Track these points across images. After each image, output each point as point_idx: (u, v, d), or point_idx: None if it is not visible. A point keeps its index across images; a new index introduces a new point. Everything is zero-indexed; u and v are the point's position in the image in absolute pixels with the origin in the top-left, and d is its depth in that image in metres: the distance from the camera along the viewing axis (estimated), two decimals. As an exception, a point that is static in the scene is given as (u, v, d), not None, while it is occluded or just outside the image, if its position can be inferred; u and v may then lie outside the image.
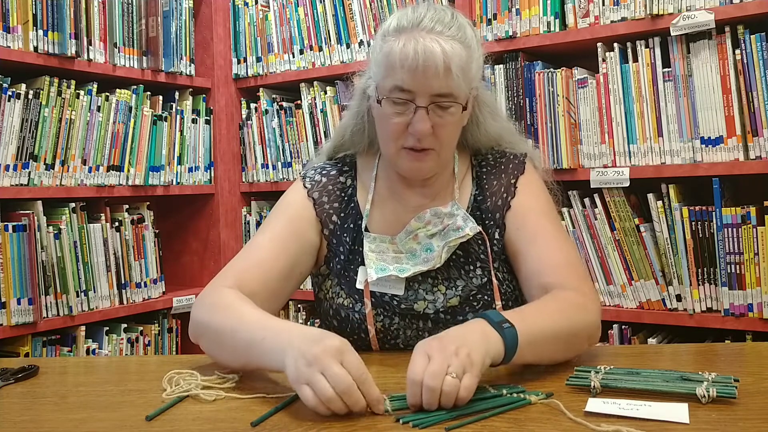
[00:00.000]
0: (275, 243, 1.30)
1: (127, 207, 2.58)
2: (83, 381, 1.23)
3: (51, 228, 2.29)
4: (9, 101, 2.20)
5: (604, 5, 2.14)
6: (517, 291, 1.32)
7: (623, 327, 2.17)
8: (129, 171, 2.54)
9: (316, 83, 2.71)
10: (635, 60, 2.10)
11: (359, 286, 1.30)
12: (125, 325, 2.55)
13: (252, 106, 2.89)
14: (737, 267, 1.95)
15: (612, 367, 1.04)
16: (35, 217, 2.24)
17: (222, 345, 1.13)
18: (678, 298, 2.06)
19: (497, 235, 1.32)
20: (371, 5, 2.56)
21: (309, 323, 2.74)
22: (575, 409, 0.90)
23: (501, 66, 2.29)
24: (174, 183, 2.73)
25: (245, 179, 2.91)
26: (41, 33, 2.28)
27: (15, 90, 2.22)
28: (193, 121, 2.81)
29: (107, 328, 2.50)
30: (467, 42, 1.23)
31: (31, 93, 2.25)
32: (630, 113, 2.10)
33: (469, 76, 1.23)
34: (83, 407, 1.03)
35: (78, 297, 2.36)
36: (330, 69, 2.65)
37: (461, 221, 1.29)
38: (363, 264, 1.30)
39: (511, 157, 1.38)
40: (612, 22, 2.13)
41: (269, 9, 2.83)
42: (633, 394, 0.96)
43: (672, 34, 2.01)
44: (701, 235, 2.00)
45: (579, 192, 2.17)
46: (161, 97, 2.70)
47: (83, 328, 2.39)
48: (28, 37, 2.26)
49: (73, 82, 2.37)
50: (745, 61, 1.94)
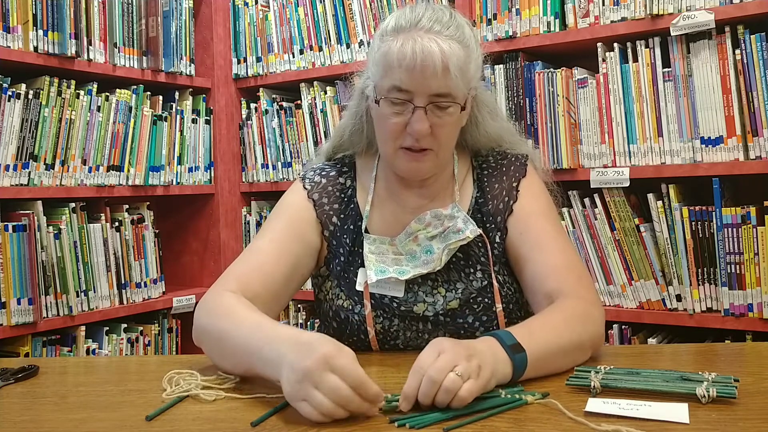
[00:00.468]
0: (276, 245, 1.30)
1: (127, 207, 2.58)
2: (83, 381, 1.23)
3: (51, 228, 2.29)
4: (9, 101, 2.20)
5: (604, 5, 2.14)
6: (518, 294, 1.32)
7: (623, 327, 2.17)
8: (129, 171, 2.54)
9: (316, 83, 2.71)
10: (635, 60, 2.10)
11: (359, 287, 1.30)
12: (125, 325, 2.55)
13: (252, 106, 2.89)
14: (737, 267, 1.95)
15: (612, 367, 1.04)
16: (35, 217, 2.24)
17: (222, 352, 1.12)
18: (678, 298, 2.06)
19: (498, 239, 1.31)
20: (371, 5, 2.56)
21: (309, 323, 2.74)
22: (575, 409, 0.90)
23: (501, 66, 2.29)
24: (174, 183, 2.73)
25: (245, 179, 2.91)
26: (41, 33, 2.28)
27: (15, 90, 2.22)
28: (193, 121, 2.81)
29: (107, 328, 2.50)
30: (465, 42, 1.23)
31: (31, 93, 2.25)
32: (630, 113, 2.10)
33: (468, 76, 1.23)
34: (83, 407, 1.03)
35: (78, 297, 2.36)
36: (330, 69, 2.65)
37: (462, 223, 1.29)
38: (363, 265, 1.30)
39: (512, 159, 1.38)
40: (612, 22, 2.13)
41: (269, 9, 2.83)
42: (633, 394, 0.96)
43: (672, 34, 2.01)
44: (701, 235, 2.00)
45: (579, 192, 2.17)
46: (161, 97, 2.70)
47: (83, 328, 2.39)
48: (28, 37, 2.26)
49: (73, 82, 2.38)
50: (745, 61, 1.94)
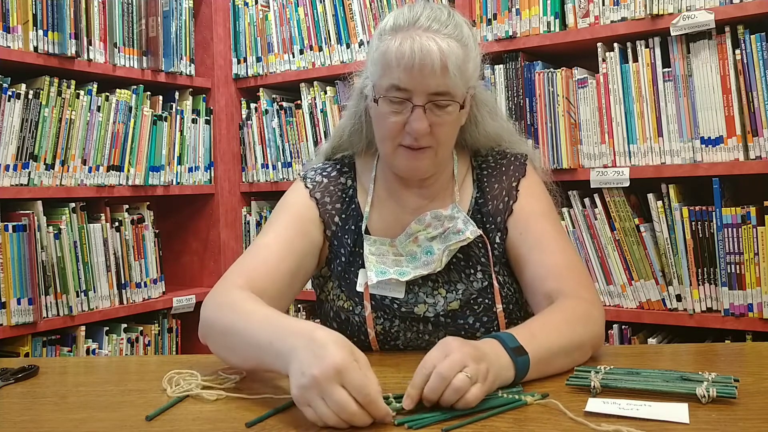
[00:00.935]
0: (281, 242, 1.29)
1: (127, 207, 2.58)
2: (83, 381, 1.23)
3: (51, 228, 2.29)
4: (9, 101, 2.20)
5: (604, 5, 2.14)
6: (518, 294, 1.32)
7: (623, 327, 2.17)
8: (129, 171, 2.54)
9: (316, 83, 2.71)
10: (635, 60, 2.10)
11: (359, 288, 1.30)
12: (125, 325, 2.55)
13: (252, 106, 2.89)
14: (737, 267, 1.95)
15: (612, 367, 1.04)
16: (35, 217, 2.24)
17: (230, 346, 1.11)
18: (678, 298, 2.06)
19: (498, 239, 1.31)
20: (371, 5, 2.56)
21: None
22: (575, 409, 0.90)
23: (501, 66, 2.29)
24: (174, 183, 2.73)
25: (245, 179, 2.91)
26: (41, 33, 2.28)
27: (15, 90, 2.22)
28: (193, 121, 2.81)
29: (107, 328, 2.50)
30: (464, 40, 1.22)
31: (31, 93, 2.25)
32: (630, 113, 2.10)
33: (467, 74, 1.23)
34: (83, 407, 1.03)
35: (78, 297, 2.36)
36: (330, 69, 2.65)
37: (462, 224, 1.29)
38: (364, 266, 1.30)
39: (512, 159, 1.38)
40: (612, 22, 2.13)
41: (269, 9, 2.83)
42: (633, 394, 0.96)
43: (672, 34, 2.01)
44: (701, 235, 2.00)
45: (579, 192, 2.17)
46: (161, 97, 2.70)
47: (83, 328, 2.39)
48: (28, 37, 2.26)
49: (73, 82, 2.38)
50: (745, 61, 1.94)
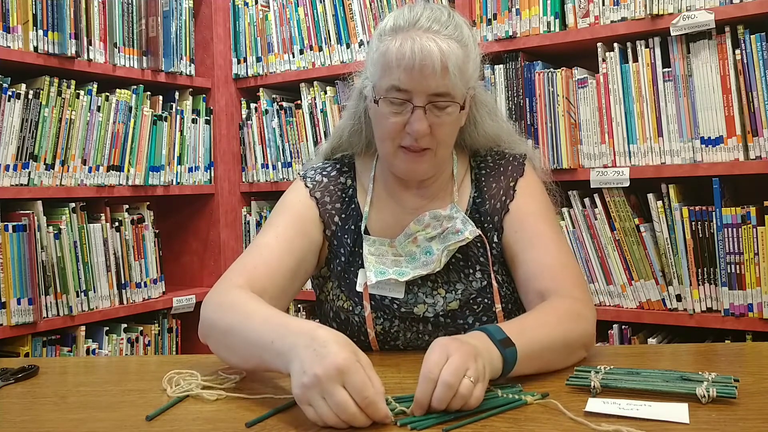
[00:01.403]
0: (281, 241, 1.29)
1: (127, 207, 2.58)
2: (83, 381, 1.23)
3: (51, 228, 2.29)
4: (9, 101, 2.20)
5: (604, 5, 2.14)
6: (516, 293, 1.32)
7: (623, 327, 2.17)
8: (129, 171, 2.54)
9: (316, 83, 2.71)
10: (635, 60, 2.10)
11: (359, 288, 1.30)
12: (125, 325, 2.55)
13: (252, 106, 2.89)
14: (737, 267, 1.95)
15: (612, 367, 1.04)
16: (35, 217, 2.24)
17: (230, 346, 1.10)
18: (678, 298, 2.06)
19: (496, 238, 1.31)
20: (371, 5, 2.56)
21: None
22: (575, 409, 0.90)
23: (501, 66, 2.29)
24: (174, 183, 2.73)
25: (245, 179, 2.91)
26: (41, 33, 2.28)
27: (15, 90, 2.22)
28: (193, 121, 2.81)
29: (107, 328, 2.50)
30: (464, 41, 1.22)
31: (31, 93, 2.25)
32: (630, 113, 2.10)
33: (466, 75, 1.23)
34: (83, 407, 1.03)
35: (78, 297, 2.36)
36: (330, 69, 2.65)
37: (460, 224, 1.29)
38: (363, 266, 1.30)
39: (510, 159, 1.38)
40: (612, 22, 2.13)
41: (269, 9, 2.83)
42: (633, 394, 0.96)
43: (672, 34, 2.01)
44: (701, 235, 2.00)
45: (579, 192, 2.17)
46: (161, 97, 2.70)
47: (83, 328, 2.39)
48: (28, 37, 2.26)
49: (73, 82, 2.38)
50: (745, 61, 1.94)
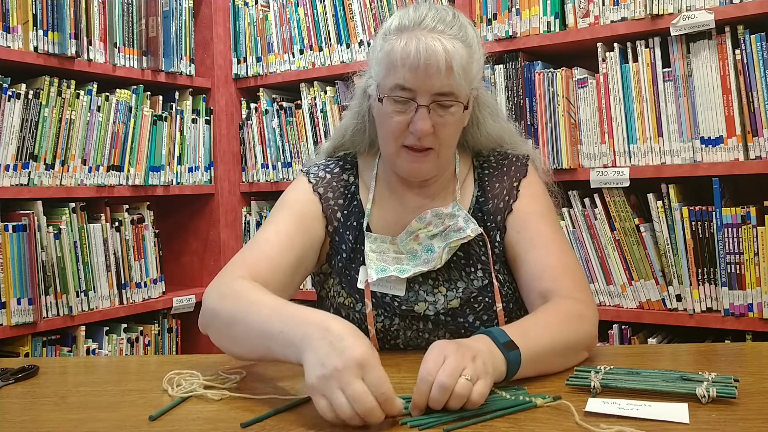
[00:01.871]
0: (283, 236, 1.29)
1: (127, 207, 2.58)
2: (83, 381, 1.23)
3: (51, 228, 2.29)
4: (9, 101, 2.20)
5: (604, 5, 2.14)
6: (518, 293, 1.32)
7: (623, 327, 2.17)
8: (129, 171, 2.54)
9: (316, 83, 2.71)
10: (635, 60, 2.10)
11: (360, 285, 1.30)
12: (125, 325, 2.55)
13: (252, 106, 2.89)
14: (737, 267, 1.95)
15: (612, 367, 1.04)
16: (35, 217, 2.24)
17: (234, 336, 1.09)
18: (678, 298, 2.06)
19: (498, 238, 1.32)
20: (371, 5, 2.56)
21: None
22: (576, 409, 0.90)
23: (501, 66, 2.29)
24: (174, 183, 2.73)
25: (245, 179, 2.91)
26: (41, 33, 2.28)
27: (15, 90, 2.22)
28: (193, 121, 2.81)
29: (107, 328, 2.50)
30: (468, 42, 1.23)
31: (31, 93, 2.25)
32: (630, 113, 2.10)
33: (470, 75, 1.23)
34: (83, 407, 1.03)
35: (78, 297, 2.36)
36: (330, 69, 2.65)
37: (462, 222, 1.29)
38: (364, 263, 1.30)
39: (513, 159, 1.38)
40: (612, 22, 2.13)
41: (269, 9, 2.83)
42: (633, 394, 0.96)
43: (672, 34, 2.01)
44: (701, 235, 2.00)
45: (579, 192, 2.17)
46: (161, 97, 2.70)
47: (83, 328, 2.39)
48: (28, 37, 2.26)
49: (73, 82, 2.37)
50: (745, 61, 1.94)
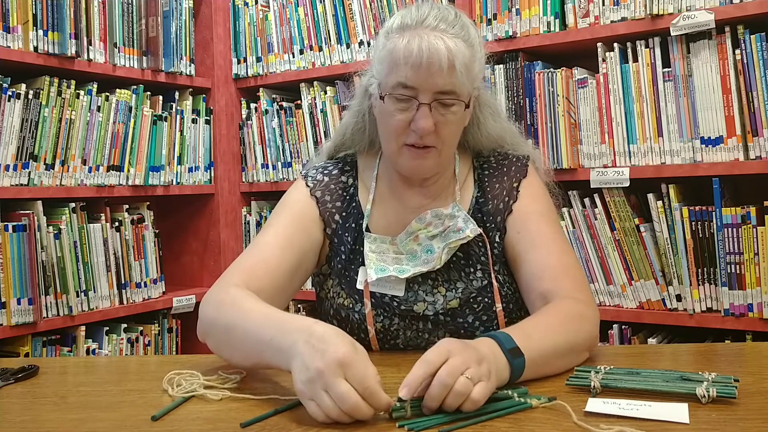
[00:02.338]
0: (281, 240, 1.30)
1: (127, 207, 2.58)
2: (83, 381, 1.23)
3: (51, 228, 2.29)
4: (9, 101, 2.20)
5: (604, 5, 2.14)
6: (518, 293, 1.32)
7: (623, 327, 2.17)
8: (129, 171, 2.54)
9: (316, 83, 2.71)
10: (635, 60, 2.10)
11: (359, 286, 1.30)
12: (125, 325, 2.55)
13: (252, 106, 2.89)
14: (737, 267, 1.95)
15: (612, 367, 1.04)
16: (35, 217, 2.24)
17: (230, 344, 1.11)
18: (678, 298, 2.06)
19: (498, 238, 1.32)
20: (371, 5, 2.56)
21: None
22: (575, 410, 0.90)
23: (501, 66, 2.29)
24: (174, 183, 2.73)
25: (245, 179, 2.91)
26: (41, 33, 2.28)
27: (15, 90, 2.22)
28: (193, 121, 2.81)
29: (107, 328, 2.50)
30: (470, 41, 1.23)
31: (31, 93, 2.25)
32: (630, 113, 2.10)
33: (472, 74, 1.24)
34: (83, 407, 1.03)
35: (78, 297, 2.36)
36: (330, 69, 2.65)
37: (462, 223, 1.29)
38: (364, 264, 1.30)
39: (514, 160, 1.38)
40: (612, 22, 2.13)
41: (269, 9, 2.83)
42: (633, 394, 0.96)
43: (672, 34, 2.01)
44: (701, 235, 2.00)
45: (579, 192, 2.17)
46: (161, 97, 2.70)
47: (83, 328, 2.39)
48: (28, 37, 2.26)
49: (73, 82, 2.38)
50: (745, 61, 1.94)
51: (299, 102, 2.75)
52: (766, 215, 1.91)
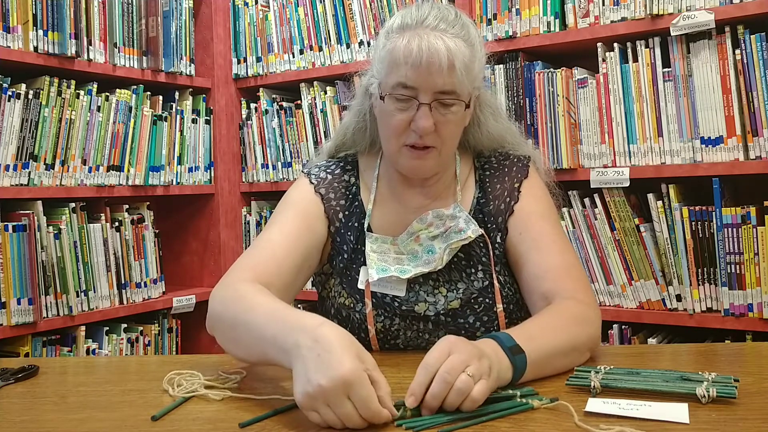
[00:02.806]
0: (286, 237, 1.29)
1: (127, 207, 2.58)
2: (83, 381, 1.23)
3: (51, 228, 2.29)
4: (9, 101, 2.20)
5: (604, 5, 2.14)
6: (518, 294, 1.32)
7: (623, 327, 2.17)
8: (129, 171, 2.54)
9: (316, 83, 2.71)
10: (635, 60, 2.10)
11: (360, 286, 1.30)
12: (125, 325, 2.55)
13: (252, 106, 2.89)
14: (737, 267, 1.95)
15: (612, 367, 1.04)
16: (35, 217, 2.24)
17: (236, 338, 1.11)
18: (678, 298, 2.06)
19: (499, 239, 1.32)
20: (371, 5, 2.56)
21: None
22: (575, 410, 0.90)
23: (501, 66, 2.29)
24: (174, 183, 2.73)
25: (245, 179, 2.91)
26: (41, 33, 2.28)
27: (15, 90, 2.22)
28: (193, 121, 2.81)
29: (107, 328, 2.50)
30: (471, 41, 1.23)
31: (31, 93, 2.25)
32: (630, 113, 2.10)
33: (472, 74, 1.24)
34: (83, 407, 1.03)
35: (78, 297, 2.36)
36: (330, 69, 2.65)
37: (463, 223, 1.29)
38: (365, 263, 1.30)
39: (515, 160, 1.38)
40: (612, 22, 2.13)
41: (269, 9, 2.83)
42: (633, 394, 0.96)
43: (672, 34, 2.01)
44: (701, 235, 2.00)
45: (579, 192, 2.17)
46: (161, 97, 2.70)
47: (83, 328, 2.39)
48: (28, 37, 2.26)
49: (73, 82, 2.37)
50: (745, 61, 1.94)
51: (299, 102, 2.75)
52: (766, 215, 1.91)
